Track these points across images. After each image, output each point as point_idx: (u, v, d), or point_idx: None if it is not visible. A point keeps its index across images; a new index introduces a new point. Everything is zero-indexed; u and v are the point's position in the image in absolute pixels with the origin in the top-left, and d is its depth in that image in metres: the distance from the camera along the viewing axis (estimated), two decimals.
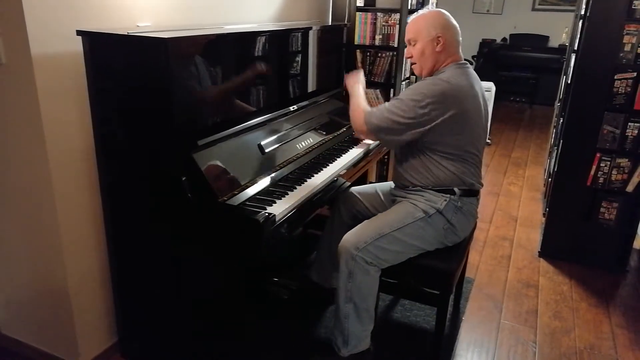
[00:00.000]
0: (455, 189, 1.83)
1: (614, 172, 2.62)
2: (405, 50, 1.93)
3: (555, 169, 2.84)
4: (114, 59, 1.52)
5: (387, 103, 1.83)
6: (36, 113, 1.51)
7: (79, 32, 1.50)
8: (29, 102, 1.51)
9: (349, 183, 2.11)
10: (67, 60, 1.55)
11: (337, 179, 1.98)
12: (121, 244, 1.76)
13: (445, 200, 1.82)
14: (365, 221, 1.88)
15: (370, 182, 2.82)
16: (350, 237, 1.81)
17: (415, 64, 1.88)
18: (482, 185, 1.94)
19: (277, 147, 1.89)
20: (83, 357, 1.84)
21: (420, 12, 1.87)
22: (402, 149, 1.90)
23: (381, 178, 3.37)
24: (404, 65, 3.10)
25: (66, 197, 1.65)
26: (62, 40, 1.51)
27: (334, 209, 2.19)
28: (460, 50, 1.88)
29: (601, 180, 2.66)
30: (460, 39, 1.86)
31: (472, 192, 1.88)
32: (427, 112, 1.72)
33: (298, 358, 2.02)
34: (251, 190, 1.69)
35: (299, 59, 2.23)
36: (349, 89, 2.10)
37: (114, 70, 1.54)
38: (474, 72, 1.87)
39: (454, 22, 1.84)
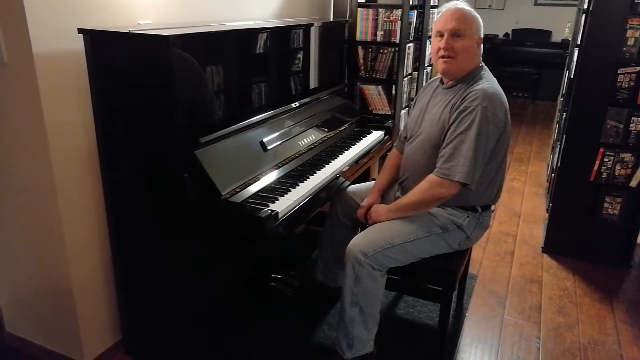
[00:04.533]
0: (478, 207, 1.81)
1: (618, 167, 2.61)
2: (440, 40, 1.72)
3: (559, 165, 2.83)
4: (116, 57, 1.52)
5: (459, 147, 1.64)
6: (39, 112, 1.51)
7: (80, 31, 1.49)
8: (32, 101, 1.51)
9: (348, 183, 2.11)
10: (68, 59, 1.55)
11: (338, 177, 1.97)
12: (124, 242, 1.76)
13: (468, 216, 1.80)
14: (375, 225, 1.82)
15: (373, 179, 2.81)
16: (359, 242, 1.75)
17: (450, 57, 1.71)
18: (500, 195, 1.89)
19: (280, 144, 1.89)
20: (87, 355, 1.85)
21: (465, 6, 1.74)
22: (428, 169, 1.75)
23: None
24: (405, 62, 3.08)
25: (69, 196, 1.65)
26: (64, 38, 1.51)
27: (331, 209, 2.15)
28: None
29: (605, 175, 2.65)
30: None
31: (489, 205, 1.87)
32: (502, 125, 1.71)
33: (301, 359, 2.01)
34: (253, 188, 1.69)
35: (300, 55, 2.23)
36: (385, 217, 1.82)
37: (115, 68, 1.54)
38: None
39: None
